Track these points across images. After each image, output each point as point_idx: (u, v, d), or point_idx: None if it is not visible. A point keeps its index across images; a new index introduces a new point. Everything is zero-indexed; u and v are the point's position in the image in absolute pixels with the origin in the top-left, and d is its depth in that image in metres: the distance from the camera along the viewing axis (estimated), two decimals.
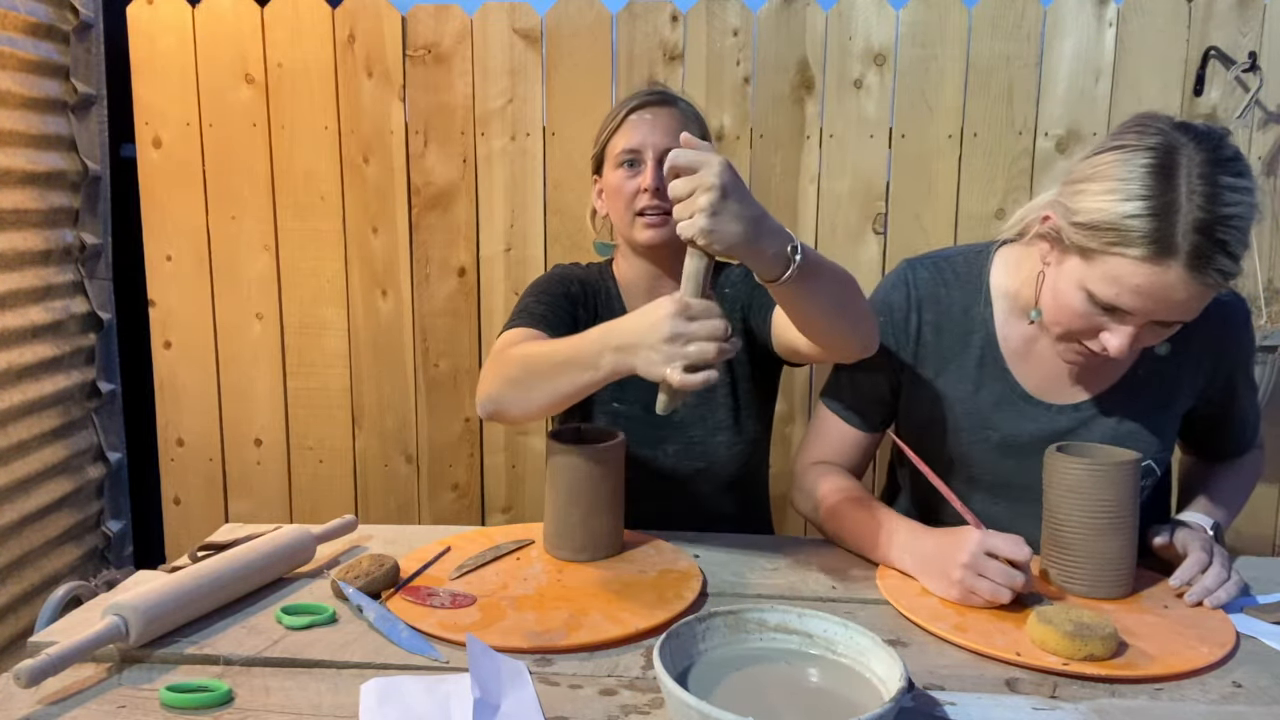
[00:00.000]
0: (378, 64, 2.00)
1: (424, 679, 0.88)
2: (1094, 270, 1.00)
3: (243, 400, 2.13)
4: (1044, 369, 1.19)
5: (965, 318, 1.21)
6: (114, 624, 0.90)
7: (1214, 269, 0.96)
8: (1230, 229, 0.95)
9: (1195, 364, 1.18)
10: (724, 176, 0.89)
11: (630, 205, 1.31)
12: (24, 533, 1.89)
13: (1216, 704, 0.86)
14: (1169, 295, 0.97)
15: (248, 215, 2.06)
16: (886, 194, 1.97)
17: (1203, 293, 0.98)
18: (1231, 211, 0.95)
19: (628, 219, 1.32)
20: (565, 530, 1.17)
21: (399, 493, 2.15)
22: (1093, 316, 1.03)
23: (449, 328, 2.07)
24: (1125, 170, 0.98)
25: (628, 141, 1.32)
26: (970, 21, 1.90)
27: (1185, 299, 0.98)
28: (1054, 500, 1.08)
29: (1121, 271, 0.98)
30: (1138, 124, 1.02)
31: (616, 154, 1.33)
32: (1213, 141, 0.98)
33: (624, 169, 1.32)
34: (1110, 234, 0.98)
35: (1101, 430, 1.18)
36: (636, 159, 1.31)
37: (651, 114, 1.33)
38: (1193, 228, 0.94)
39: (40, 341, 1.94)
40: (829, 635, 0.87)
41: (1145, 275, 0.97)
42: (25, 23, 1.88)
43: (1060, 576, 1.08)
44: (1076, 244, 1.02)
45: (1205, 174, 0.95)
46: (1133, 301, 0.99)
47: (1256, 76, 1.84)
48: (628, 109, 1.34)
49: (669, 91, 1.38)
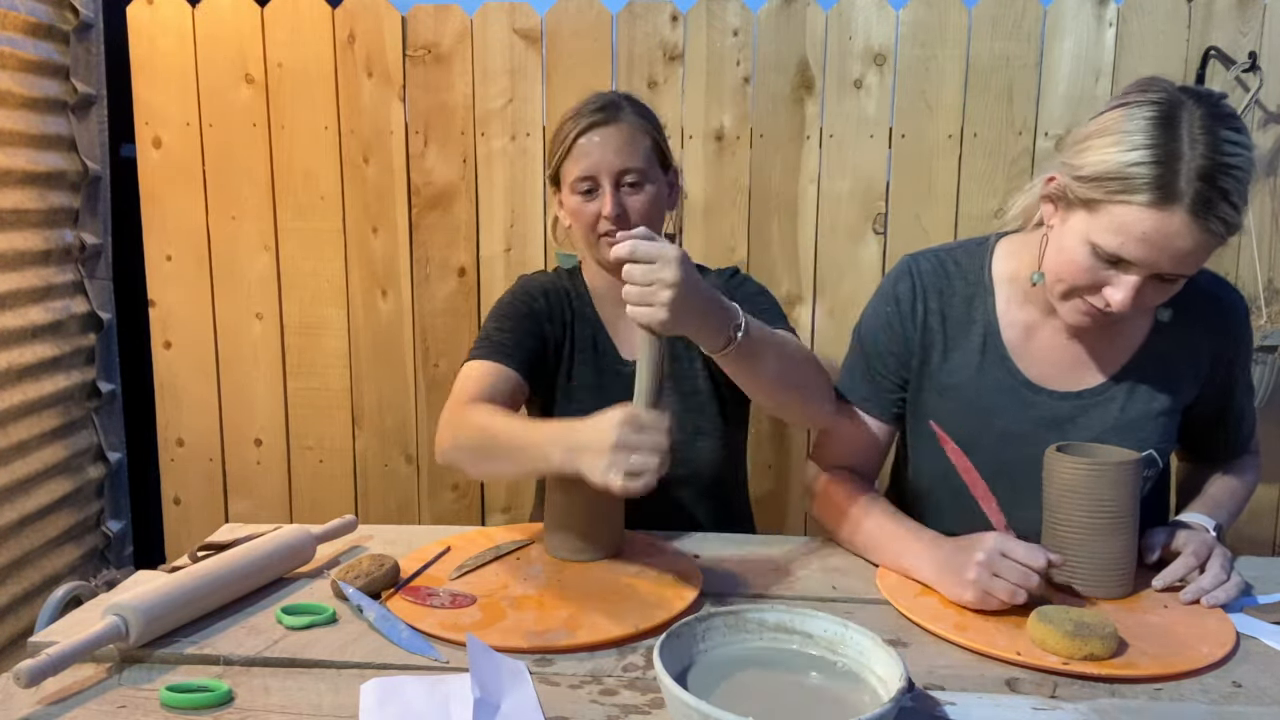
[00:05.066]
0: (378, 64, 2.00)
1: (424, 679, 0.88)
2: (1099, 221, 1.02)
3: (243, 400, 2.13)
4: (1045, 356, 1.20)
5: (968, 307, 1.22)
6: (114, 624, 0.90)
7: (1216, 215, 0.97)
8: (1231, 178, 0.97)
9: (1195, 354, 1.19)
10: (682, 274, 0.95)
11: (593, 228, 1.31)
12: (24, 533, 1.89)
13: (1216, 704, 0.86)
14: (1172, 243, 0.98)
15: (248, 215, 2.06)
16: (886, 194, 1.97)
17: (1205, 242, 0.99)
18: (1233, 161, 0.97)
19: (591, 240, 1.33)
20: (565, 530, 1.17)
21: (399, 493, 2.15)
22: (1097, 270, 1.04)
23: (449, 328, 2.07)
24: (1129, 123, 1.00)
25: (580, 169, 1.30)
26: (970, 21, 1.90)
27: (1188, 248, 0.99)
28: (1054, 499, 1.08)
29: (1126, 219, 0.99)
30: (1141, 85, 1.05)
31: (571, 180, 1.31)
32: (1213, 99, 1.01)
33: (580, 196, 1.31)
34: (1115, 183, 0.99)
35: (1102, 418, 1.18)
36: (592, 185, 1.30)
37: (600, 135, 1.29)
38: (1196, 174, 0.96)
39: (40, 341, 1.94)
40: (829, 635, 0.87)
41: (1150, 222, 0.98)
42: (25, 23, 1.88)
43: (1060, 576, 1.08)
44: (1081, 197, 1.03)
45: (1207, 126, 0.97)
46: (1137, 250, 1.00)
47: (1256, 76, 1.84)
48: (575, 132, 1.30)
49: (612, 103, 1.33)
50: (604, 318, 1.41)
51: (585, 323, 1.40)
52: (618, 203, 1.29)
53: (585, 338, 1.40)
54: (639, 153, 1.31)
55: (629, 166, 1.29)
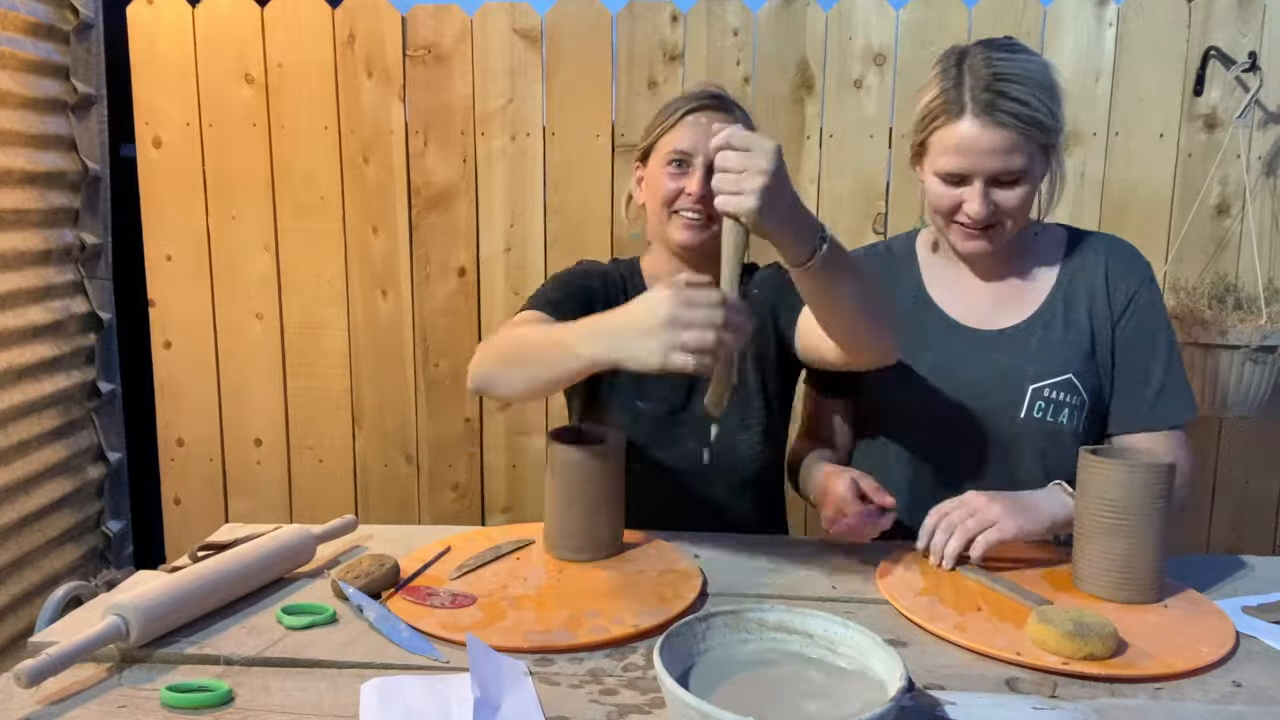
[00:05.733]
0: (378, 64, 2.00)
1: (424, 679, 0.88)
2: (931, 155, 1.24)
3: (243, 400, 2.13)
4: (968, 302, 1.34)
5: (897, 278, 1.38)
6: (114, 624, 0.90)
7: (1001, 110, 1.16)
8: (1008, 82, 1.17)
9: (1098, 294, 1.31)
10: (776, 162, 0.93)
11: (670, 204, 1.31)
12: (24, 533, 1.89)
13: (1216, 704, 0.86)
14: (978, 144, 1.18)
15: (248, 215, 2.06)
16: (886, 194, 1.97)
17: (1008, 138, 1.17)
18: (1007, 70, 1.18)
19: (664, 215, 1.32)
20: (565, 530, 1.17)
21: (399, 493, 2.15)
22: (949, 194, 1.24)
23: (449, 328, 2.07)
24: (930, 76, 1.25)
25: (679, 142, 1.30)
26: (970, 21, 1.90)
27: (993, 145, 1.18)
28: (1082, 504, 1.08)
29: (940, 141, 1.22)
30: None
31: (666, 151, 1.31)
32: (997, 40, 1.24)
33: (671, 167, 1.31)
34: (926, 118, 1.24)
35: (1023, 349, 1.29)
36: (685, 160, 1.30)
37: (708, 118, 1.30)
38: (973, 87, 1.19)
39: (40, 341, 1.94)
40: (829, 635, 0.87)
41: (954, 135, 1.20)
42: (25, 23, 1.88)
43: (1081, 576, 1.07)
44: (917, 144, 1.27)
45: (985, 57, 1.20)
46: (959, 160, 1.20)
47: (1256, 76, 1.84)
48: (686, 109, 1.32)
49: (728, 97, 1.36)
50: None
51: None
52: (706, 184, 1.26)
53: None
54: None
55: None
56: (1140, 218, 1.94)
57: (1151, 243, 1.90)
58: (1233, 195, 1.93)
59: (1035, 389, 1.28)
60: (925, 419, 1.33)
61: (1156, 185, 1.94)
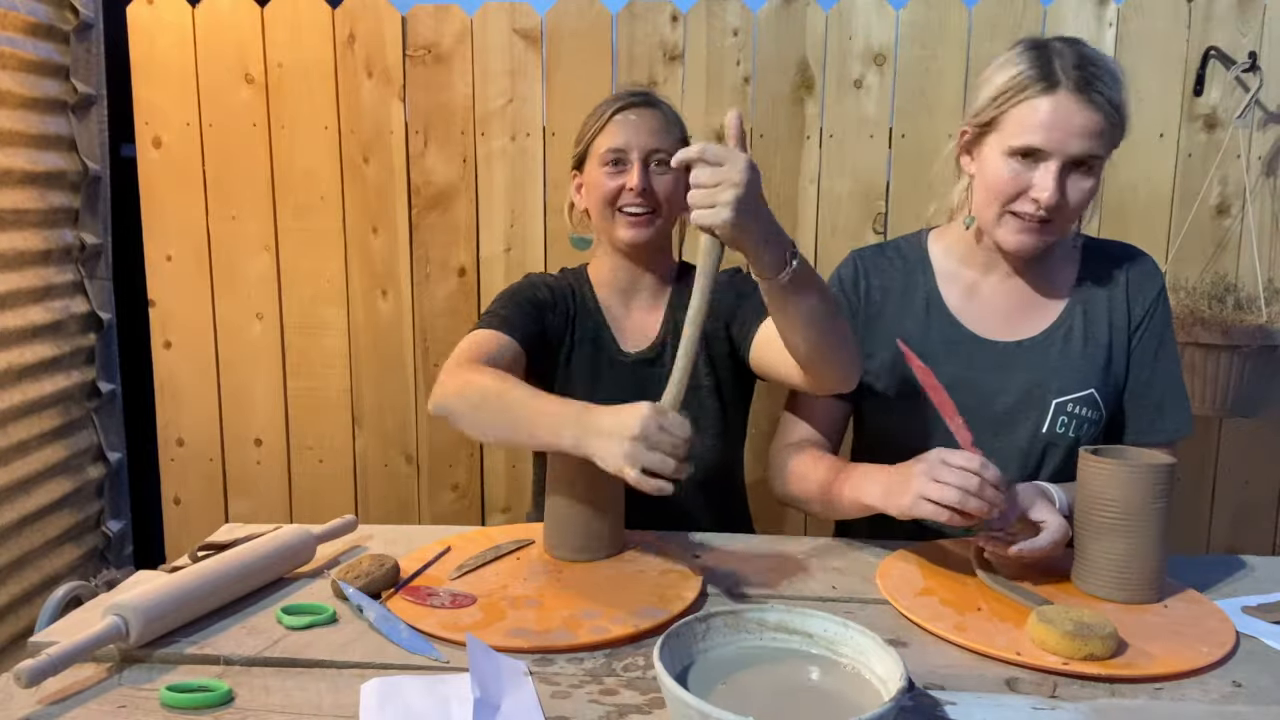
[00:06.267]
0: (378, 64, 2.00)
1: (424, 679, 0.88)
2: (1006, 131, 1.19)
3: (243, 400, 2.13)
4: (985, 313, 1.31)
5: (908, 281, 1.35)
6: (114, 624, 0.90)
7: (1096, 91, 1.15)
8: (1100, 69, 1.16)
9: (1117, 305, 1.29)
10: (748, 174, 0.96)
11: (612, 203, 1.34)
12: (24, 533, 1.89)
13: (1216, 704, 0.86)
14: (1070, 120, 1.15)
15: (248, 215, 2.06)
16: (886, 194, 1.97)
17: (1097, 121, 1.16)
18: (1095, 55, 1.18)
19: (608, 215, 1.35)
20: (565, 530, 1.17)
21: (399, 493, 2.15)
22: (1019, 175, 1.19)
23: (449, 328, 2.07)
24: (1006, 58, 1.22)
25: (613, 141, 1.34)
26: (970, 21, 1.90)
27: (1083, 123, 1.15)
28: (1082, 504, 1.08)
29: (1025, 115, 1.17)
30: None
31: (601, 153, 1.35)
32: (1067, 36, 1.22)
33: (608, 167, 1.34)
34: (1008, 92, 1.19)
35: (1042, 361, 1.27)
36: (621, 158, 1.33)
37: (636, 115, 1.35)
38: (1069, 64, 1.16)
39: (40, 341, 1.94)
40: (829, 635, 0.87)
41: (1045, 108, 1.16)
42: (25, 23, 1.88)
43: (1080, 577, 1.08)
44: (985, 122, 1.22)
45: (1069, 43, 1.19)
46: (1043, 136, 1.16)
47: (1256, 76, 1.84)
48: (613, 109, 1.36)
49: (652, 93, 1.40)
50: (607, 308, 1.42)
51: (587, 315, 1.41)
52: (645, 178, 1.32)
53: (586, 329, 1.41)
54: (671, 138, 1.35)
55: (660, 146, 1.33)
56: (1140, 218, 1.94)
57: (1151, 243, 1.90)
58: (1233, 195, 1.93)
59: (1059, 404, 1.26)
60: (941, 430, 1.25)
61: (1156, 185, 1.94)
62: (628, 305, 1.43)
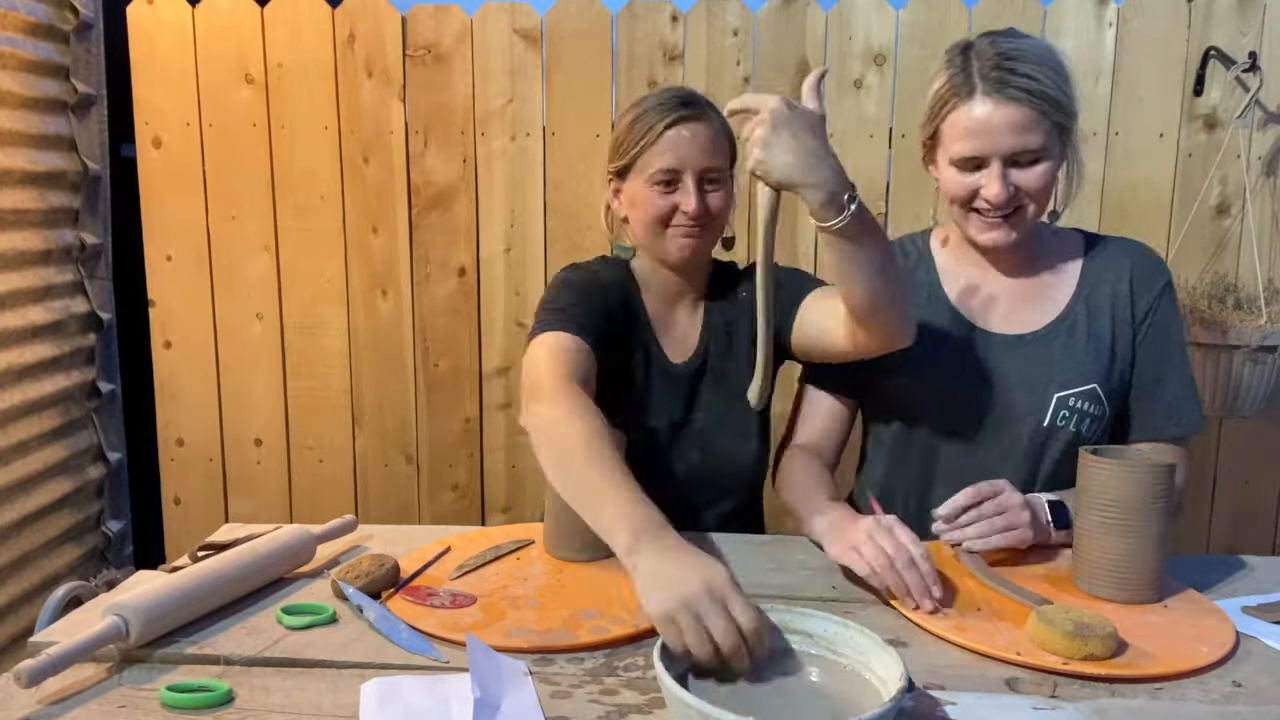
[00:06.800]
0: (378, 64, 2.00)
1: (424, 679, 0.88)
2: (944, 142, 1.23)
3: (243, 400, 2.13)
4: (988, 306, 1.32)
5: (912, 275, 1.36)
6: (114, 624, 0.90)
7: (1012, 86, 1.15)
8: (1016, 60, 1.16)
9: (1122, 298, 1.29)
10: (775, 111, 0.98)
11: (664, 221, 1.27)
12: (24, 533, 1.89)
13: (1216, 704, 0.86)
14: (992, 123, 1.17)
15: (248, 215, 2.06)
16: (886, 194, 1.97)
17: (1021, 113, 1.16)
18: (1013, 49, 1.17)
19: (656, 232, 1.28)
20: (565, 530, 1.16)
21: (399, 493, 2.15)
22: (966, 180, 1.21)
23: (449, 328, 2.08)
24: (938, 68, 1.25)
25: (666, 161, 1.25)
26: (970, 22, 1.90)
27: (1008, 123, 1.16)
28: (1083, 504, 1.08)
29: (953, 125, 1.20)
30: None
31: (652, 171, 1.26)
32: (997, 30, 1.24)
33: (659, 186, 1.26)
34: (936, 106, 1.23)
35: (1045, 355, 1.27)
36: (675, 178, 1.26)
37: (690, 131, 1.26)
38: (987, 66, 1.18)
39: (40, 341, 1.94)
40: (829, 635, 0.87)
41: (968, 117, 1.18)
42: (25, 23, 1.88)
43: (1080, 577, 1.08)
44: (929, 136, 1.26)
45: (990, 40, 1.21)
46: (974, 142, 1.18)
47: (1256, 76, 1.84)
48: (666, 123, 1.26)
49: (702, 100, 1.31)
50: (654, 317, 1.36)
51: (639, 324, 1.35)
52: (702, 200, 1.25)
53: (638, 339, 1.34)
54: (723, 152, 1.29)
55: (714, 165, 1.27)
56: (1140, 218, 1.94)
57: (1152, 243, 1.88)
58: (1233, 195, 1.93)
59: (1060, 397, 1.26)
60: (943, 423, 1.30)
61: (1156, 185, 1.94)
62: (673, 314, 1.37)
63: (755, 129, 0.99)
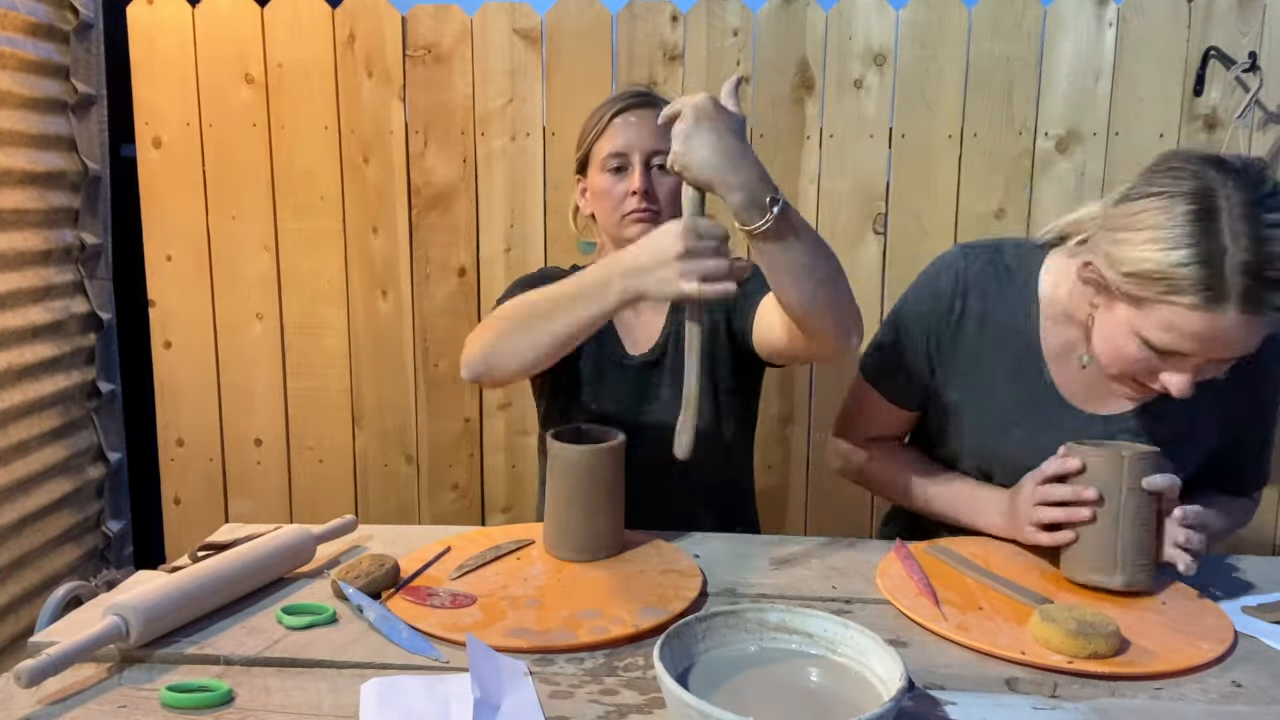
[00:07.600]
0: (378, 64, 2.00)
1: (424, 679, 0.88)
2: (1147, 318, 1.01)
3: (243, 400, 2.13)
4: (1077, 377, 1.20)
5: (1010, 316, 1.22)
6: (114, 624, 0.90)
7: (1269, 307, 0.96)
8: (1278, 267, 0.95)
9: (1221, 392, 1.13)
10: (698, 106, 0.97)
11: (618, 207, 1.33)
12: (24, 533, 1.89)
13: (1216, 704, 0.86)
14: (1225, 336, 0.98)
15: (248, 215, 2.06)
16: (886, 194, 1.97)
17: (1263, 325, 0.99)
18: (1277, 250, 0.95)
19: (615, 219, 1.34)
20: (565, 530, 1.17)
21: (399, 493, 2.15)
22: (1150, 360, 1.04)
23: (449, 328, 2.07)
24: (1165, 218, 0.98)
25: (613, 145, 1.34)
26: (970, 21, 1.90)
27: (1242, 337, 0.99)
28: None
29: (1176, 319, 0.98)
30: (1170, 167, 1.02)
31: (603, 158, 1.35)
32: (1250, 178, 0.98)
33: (610, 173, 1.34)
34: (1160, 284, 0.98)
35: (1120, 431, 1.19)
36: (624, 162, 1.34)
37: (636, 116, 1.34)
38: (1241, 271, 0.94)
39: (40, 341, 1.94)
40: (829, 635, 0.87)
41: (1200, 322, 0.97)
42: (25, 23, 1.88)
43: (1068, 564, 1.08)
44: (1125, 292, 1.03)
45: (1247, 214, 0.95)
46: (1191, 346, 1.00)
47: (1256, 76, 1.84)
48: (612, 111, 1.35)
49: (651, 92, 1.40)
50: None
51: None
52: (647, 179, 1.32)
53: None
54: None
55: (660, 147, 1.31)
56: None
57: None
58: None
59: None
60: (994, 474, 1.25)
61: None
62: (635, 307, 1.42)
63: (677, 124, 0.98)
